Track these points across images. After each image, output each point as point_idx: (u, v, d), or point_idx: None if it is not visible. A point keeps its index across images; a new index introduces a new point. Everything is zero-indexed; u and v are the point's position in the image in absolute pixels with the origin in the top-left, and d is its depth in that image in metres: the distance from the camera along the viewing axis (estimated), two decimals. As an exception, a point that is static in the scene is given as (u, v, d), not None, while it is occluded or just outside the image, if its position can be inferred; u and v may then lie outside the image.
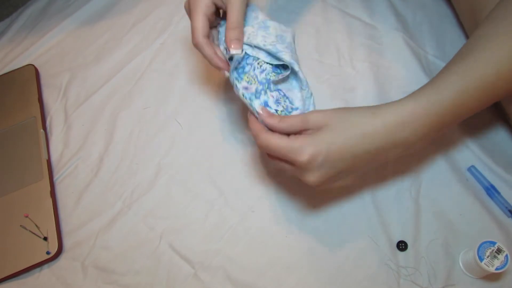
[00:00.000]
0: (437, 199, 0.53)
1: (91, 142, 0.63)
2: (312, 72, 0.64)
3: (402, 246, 0.50)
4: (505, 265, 0.43)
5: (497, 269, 0.43)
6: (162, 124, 0.63)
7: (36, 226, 0.55)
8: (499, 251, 0.44)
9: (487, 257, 0.44)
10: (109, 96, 0.67)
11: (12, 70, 0.71)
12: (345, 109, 0.42)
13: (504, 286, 0.47)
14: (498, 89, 0.42)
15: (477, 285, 0.48)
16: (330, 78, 0.63)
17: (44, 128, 0.64)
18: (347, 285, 0.49)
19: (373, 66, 0.64)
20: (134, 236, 0.55)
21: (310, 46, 0.67)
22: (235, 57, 0.46)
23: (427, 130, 0.42)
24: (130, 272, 0.52)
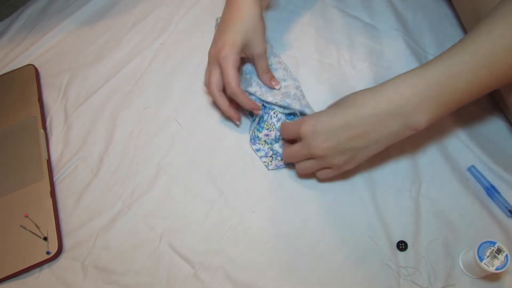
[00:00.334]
0: (437, 199, 0.53)
1: (91, 142, 0.63)
2: (312, 72, 0.64)
3: (402, 246, 0.50)
4: (505, 265, 0.43)
5: (497, 269, 0.43)
6: (162, 124, 0.63)
7: (36, 226, 0.55)
8: (499, 251, 0.44)
9: (487, 257, 0.44)
10: (109, 96, 0.67)
11: (12, 70, 0.71)
12: (347, 95, 0.48)
13: (504, 286, 0.47)
14: (494, 67, 0.41)
15: (477, 285, 0.48)
16: (330, 78, 0.63)
17: (44, 128, 0.64)
18: (347, 285, 0.49)
19: (373, 66, 0.64)
20: (134, 236, 0.55)
21: (310, 46, 0.67)
22: (256, 117, 0.57)
23: (416, 100, 0.42)
24: (130, 272, 0.52)
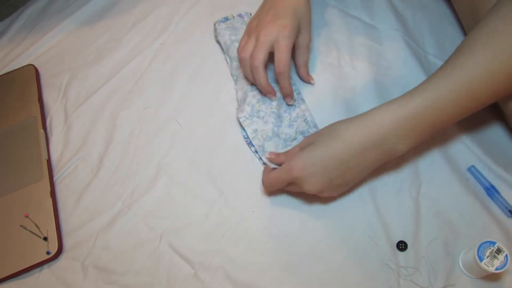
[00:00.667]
0: (437, 199, 0.53)
1: (91, 142, 0.63)
2: (312, 72, 0.64)
3: (402, 246, 0.50)
4: (505, 265, 0.43)
5: (497, 269, 0.43)
6: (162, 124, 0.63)
7: (36, 226, 0.55)
8: (499, 251, 0.44)
9: (487, 257, 0.44)
10: (109, 96, 0.67)
11: (12, 70, 0.71)
12: (329, 125, 0.48)
13: (504, 286, 0.47)
14: (475, 94, 0.43)
15: (477, 285, 0.48)
16: (330, 78, 0.63)
17: (44, 128, 0.64)
18: (347, 285, 0.49)
19: (373, 66, 0.64)
20: (134, 236, 0.55)
21: (310, 46, 0.67)
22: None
23: (399, 133, 0.44)
24: (130, 272, 0.52)
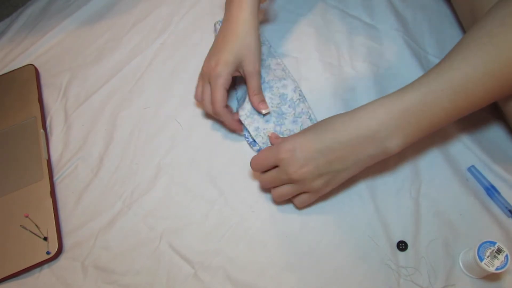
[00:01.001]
0: (437, 199, 0.53)
1: (91, 142, 0.63)
2: (312, 71, 0.64)
3: (402, 246, 0.50)
4: (505, 265, 0.43)
5: (497, 269, 0.43)
6: (162, 124, 0.63)
7: (36, 226, 0.55)
8: (499, 251, 0.44)
9: (487, 257, 0.44)
10: (109, 96, 0.67)
11: (12, 70, 0.71)
12: (320, 120, 0.49)
13: (504, 286, 0.47)
14: (471, 93, 0.43)
15: (477, 285, 0.48)
16: (330, 78, 0.63)
17: (44, 128, 0.64)
18: (347, 285, 0.49)
19: (373, 66, 0.64)
20: (134, 236, 0.55)
21: (310, 46, 0.67)
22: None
23: (392, 126, 0.43)
24: (130, 272, 0.52)
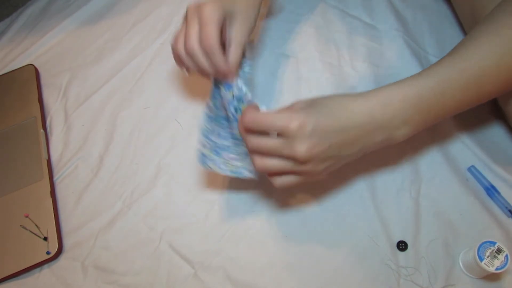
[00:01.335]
0: (437, 199, 0.53)
1: (91, 142, 0.63)
2: (312, 71, 0.64)
3: (402, 246, 0.50)
4: (505, 265, 0.43)
5: (497, 269, 0.43)
6: (162, 124, 0.63)
7: (36, 226, 0.55)
8: (499, 251, 0.44)
9: (487, 257, 0.44)
10: (109, 96, 0.67)
11: (12, 70, 0.71)
12: (327, 94, 0.43)
13: (504, 286, 0.47)
14: (483, 85, 0.42)
15: (477, 285, 0.48)
16: (330, 78, 0.63)
17: (44, 128, 0.64)
18: (347, 285, 0.49)
19: (373, 66, 0.64)
20: (134, 236, 0.55)
21: (310, 46, 0.67)
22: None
23: (408, 113, 0.42)
24: (130, 272, 0.52)
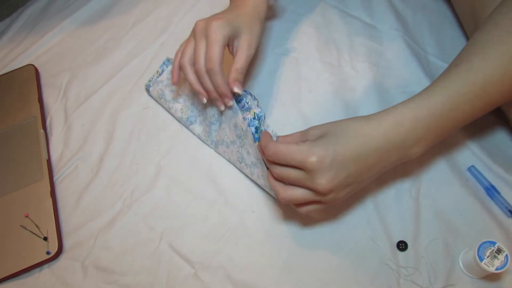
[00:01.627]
0: (437, 199, 0.53)
1: (91, 142, 0.63)
2: (312, 71, 0.64)
3: (402, 246, 0.50)
4: (505, 265, 0.43)
5: (497, 269, 0.43)
6: (162, 124, 0.63)
7: (36, 226, 0.55)
8: (499, 251, 0.44)
9: (487, 257, 0.44)
10: (109, 96, 0.67)
11: (12, 70, 0.71)
12: (340, 120, 0.44)
13: (504, 286, 0.47)
14: (490, 95, 0.42)
15: (477, 285, 0.48)
16: (330, 78, 0.63)
17: (44, 128, 0.64)
18: (347, 285, 0.49)
19: (373, 66, 0.64)
20: (134, 236, 0.55)
21: (310, 46, 0.67)
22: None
23: (420, 132, 0.42)
24: (130, 272, 0.52)
